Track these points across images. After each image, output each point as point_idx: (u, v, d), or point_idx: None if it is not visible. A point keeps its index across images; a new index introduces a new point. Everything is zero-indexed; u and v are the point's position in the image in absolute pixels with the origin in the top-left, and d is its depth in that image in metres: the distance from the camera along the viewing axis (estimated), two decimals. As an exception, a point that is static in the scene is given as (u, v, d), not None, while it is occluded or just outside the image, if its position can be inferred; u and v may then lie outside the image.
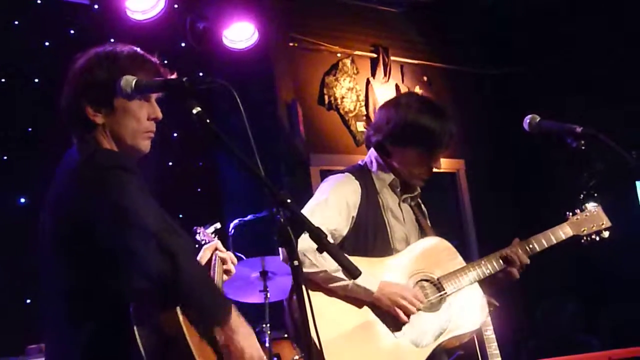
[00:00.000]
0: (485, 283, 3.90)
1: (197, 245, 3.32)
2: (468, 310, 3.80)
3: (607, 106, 7.63)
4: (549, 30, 8.62)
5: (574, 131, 3.28)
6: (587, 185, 4.20)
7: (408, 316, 3.60)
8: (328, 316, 3.52)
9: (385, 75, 8.28)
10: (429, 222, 4.10)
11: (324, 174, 7.41)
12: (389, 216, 3.86)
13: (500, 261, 3.88)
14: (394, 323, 3.62)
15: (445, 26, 8.95)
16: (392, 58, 8.41)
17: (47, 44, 6.29)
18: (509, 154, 8.79)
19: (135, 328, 2.33)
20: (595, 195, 4.17)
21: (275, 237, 2.31)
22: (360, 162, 4.00)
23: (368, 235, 3.77)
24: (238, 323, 2.53)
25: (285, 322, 3.77)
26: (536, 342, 7.28)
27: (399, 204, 3.94)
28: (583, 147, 3.25)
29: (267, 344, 5.42)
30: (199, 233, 3.63)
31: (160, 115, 2.75)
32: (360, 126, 7.93)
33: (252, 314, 5.82)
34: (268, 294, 5.55)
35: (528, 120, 3.48)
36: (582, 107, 7.58)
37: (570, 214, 4.09)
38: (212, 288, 2.55)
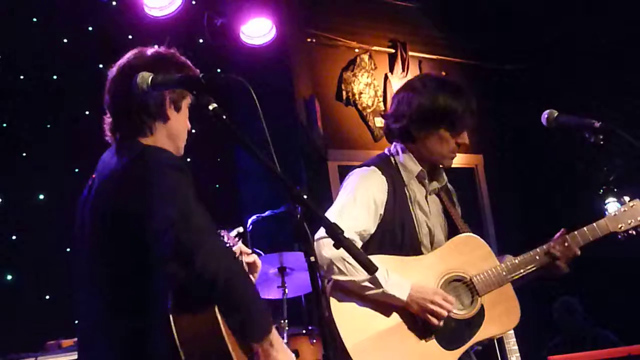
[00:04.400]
0: (522, 279, 3.83)
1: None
2: (500, 311, 3.74)
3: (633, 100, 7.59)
4: (569, 24, 8.57)
5: (592, 126, 3.26)
6: (607, 180, 4.18)
7: (439, 319, 3.55)
8: (359, 320, 3.51)
9: (403, 70, 8.26)
10: (459, 209, 4.03)
11: (342, 169, 7.43)
12: (417, 209, 3.79)
13: (538, 257, 3.80)
14: (425, 326, 3.58)
15: (463, 20, 8.91)
16: (410, 53, 8.39)
17: (65, 40, 6.31)
18: (527, 149, 8.75)
19: (172, 320, 2.37)
20: (615, 190, 4.14)
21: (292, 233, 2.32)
22: (386, 152, 3.92)
23: (395, 231, 3.70)
24: (277, 338, 2.54)
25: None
26: (558, 339, 7.26)
27: (426, 196, 3.87)
28: (601, 142, 3.23)
29: (285, 340, 5.42)
30: (224, 236, 3.63)
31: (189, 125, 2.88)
32: (378, 122, 7.91)
33: (270, 310, 5.82)
34: (286, 290, 5.54)
35: (546, 115, 3.46)
36: (605, 100, 7.53)
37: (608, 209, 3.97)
38: (257, 300, 2.53)
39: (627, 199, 4.00)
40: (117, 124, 2.75)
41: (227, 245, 3.19)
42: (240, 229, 3.76)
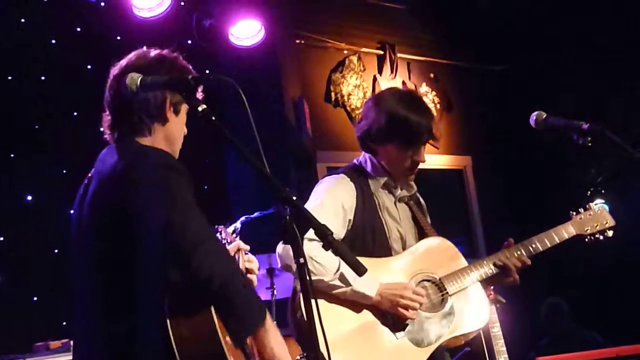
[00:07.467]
0: (488, 281, 3.89)
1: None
2: (470, 310, 3.78)
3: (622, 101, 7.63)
4: (557, 25, 8.59)
5: (580, 127, 3.26)
6: (595, 182, 4.20)
7: (412, 312, 3.59)
8: (328, 319, 3.52)
9: (392, 72, 8.27)
10: (429, 219, 4.08)
11: (331, 171, 7.41)
12: (386, 216, 3.86)
13: (498, 261, 3.86)
14: (396, 323, 3.62)
15: (451, 22, 8.93)
16: (399, 55, 8.39)
17: (53, 41, 6.29)
18: (516, 151, 8.76)
19: (168, 322, 2.36)
20: (603, 191, 4.17)
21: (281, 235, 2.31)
22: (355, 161, 3.99)
23: (366, 236, 3.76)
24: (270, 324, 2.53)
25: (288, 321, 3.77)
26: (545, 340, 7.28)
27: (395, 203, 3.93)
28: (589, 144, 3.24)
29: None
30: (221, 232, 3.62)
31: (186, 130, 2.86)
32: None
33: (264, 305, 5.82)
34: (275, 292, 5.54)
35: (534, 117, 3.47)
36: (592, 102, 7.56)
37: (574, 213, 4.08)
38: (251, 295, 2.50)
39: (592, 204, 4.06)
40: (117, 123, 2.74)
41: (224, 242, 3.19)
42: (238, 225, 3.75)
